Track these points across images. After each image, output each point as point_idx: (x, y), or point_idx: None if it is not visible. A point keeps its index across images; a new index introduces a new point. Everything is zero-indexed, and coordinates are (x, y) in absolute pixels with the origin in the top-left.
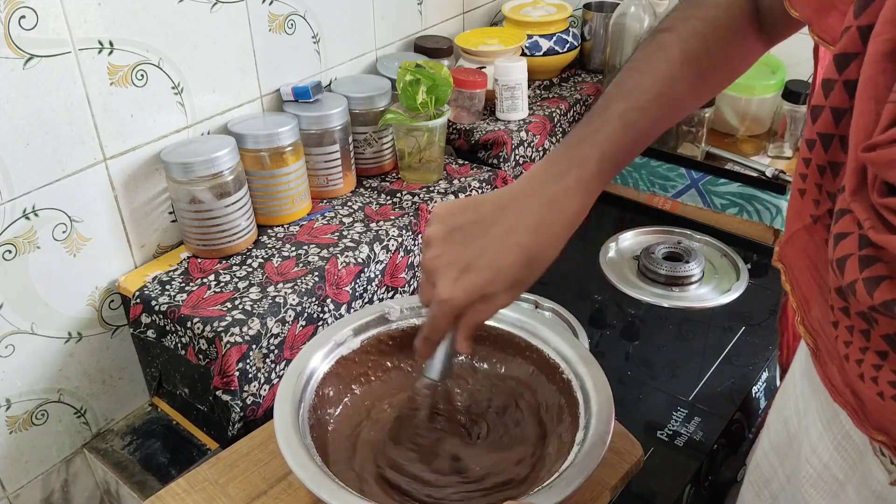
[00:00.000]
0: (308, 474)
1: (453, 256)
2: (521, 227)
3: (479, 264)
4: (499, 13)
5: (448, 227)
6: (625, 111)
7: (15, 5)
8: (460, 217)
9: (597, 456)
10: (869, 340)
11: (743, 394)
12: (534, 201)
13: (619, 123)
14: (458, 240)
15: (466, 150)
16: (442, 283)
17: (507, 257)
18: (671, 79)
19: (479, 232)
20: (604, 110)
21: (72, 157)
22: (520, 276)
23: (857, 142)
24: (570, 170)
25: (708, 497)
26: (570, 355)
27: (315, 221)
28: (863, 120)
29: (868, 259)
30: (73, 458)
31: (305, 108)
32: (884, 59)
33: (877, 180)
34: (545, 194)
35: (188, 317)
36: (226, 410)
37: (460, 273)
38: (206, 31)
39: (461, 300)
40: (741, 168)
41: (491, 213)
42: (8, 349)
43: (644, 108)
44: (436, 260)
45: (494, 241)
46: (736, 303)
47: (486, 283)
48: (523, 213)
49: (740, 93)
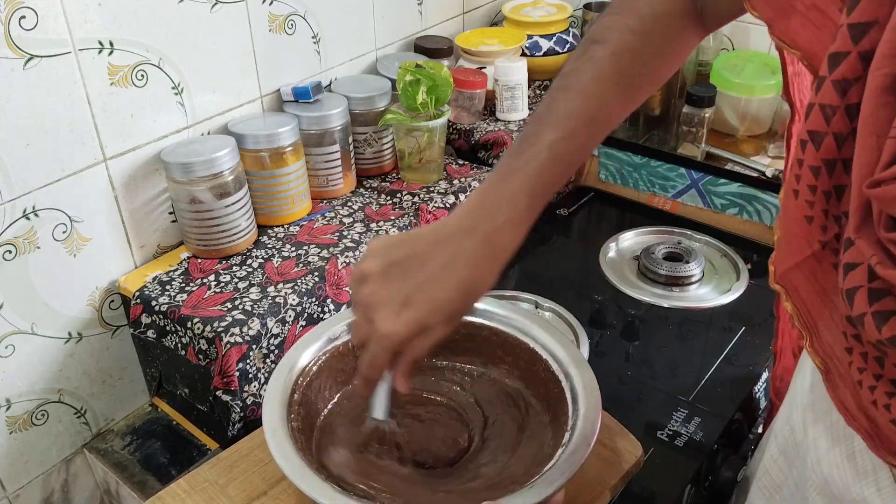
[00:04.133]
0: (291, 465)
1: (391, 291)
2: (457, 262)
3: (418, 298)
4: (499, 13)
5: (385, 261)
6: (553, 142)
7: (15, 5)
8: (396, 252)
9: (580, 458)
10: (883, 368)
11: (743, 394)
12: (468, 239)
13: (548, 156)
14: (396, 275)
15: (467, 151)
16: (382, 319)
17: (445, 291)
18: (603, 100)
19: (416, 266)
20: (534, 138)
21: (72, 158)
22: (457, 308)
23: (861, 177)
24: (500, 208)
25: (708, 497)
26: (562, 355)
27: (315, 222)
28: (865, 155)
29: (877, 292)
30: (73, 458)
31: (305, 108)
32: (883, 93)
33: (882, 215)
34: (479, 232)
35: (188, 317)
36: (226, 411)
37: (400, 307)
38: (206, 31)
39: (402, 335)
40: (741, 168)
41: (427, 248)
42: (8, 349)
43: (573, 137)
44: (374, 295)
45: (432, 276)
46: (736, 303)
47: (426, 316)
48: (459, 249)
49: (740, 93)
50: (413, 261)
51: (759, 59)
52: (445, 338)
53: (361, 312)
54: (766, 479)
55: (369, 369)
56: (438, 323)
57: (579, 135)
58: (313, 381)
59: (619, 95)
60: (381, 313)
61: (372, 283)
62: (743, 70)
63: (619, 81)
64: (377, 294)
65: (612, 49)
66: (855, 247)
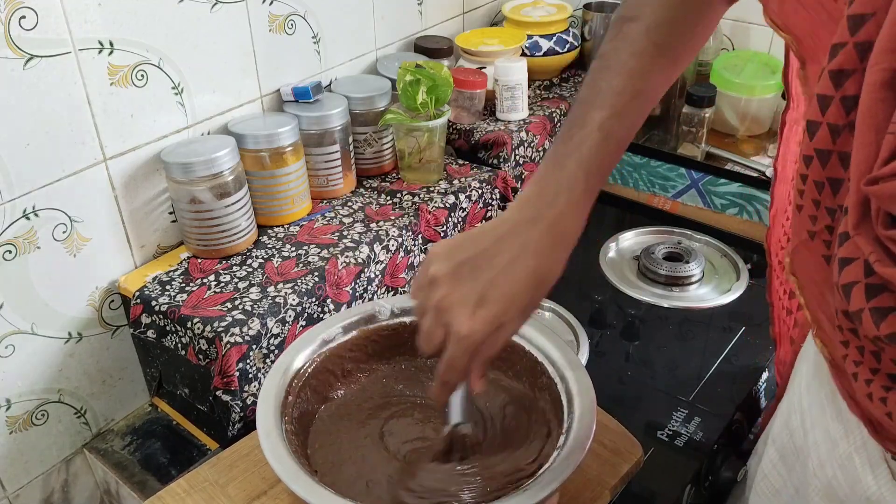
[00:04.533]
0: (285, 468)
1: (464, 292)
2: (525, 253)
3: (492, 296)
4: (499, 13)
5: (452, 263)
6: (603, 121)
7: (15, 5)
8: (462, 252)
9: (575, 461)
10: (879, 362)
11: (743, 394)
12: (532, 228)
13: (600, 136)
14: (466, 275)
15: (466, 151)
16: (459, 321)
17: (517, 284)
18: (645, 73)
19: (485, 264)
20: (582, 120)
21: (72, 158)
22: (531, 300)
23: (859, 173)
24: (560, 194)
25: (708, 497)
26: (557, 358)
27: (315, 222)
28: (864, 151)
29: (875, 288)
30: (73, 458)
31: (305, 108)
32: (882, 88)
33: (880, 212)
34: (542, 220)
35: (188, 317)
36: (226, 410)
37: (475, 307)
38: (206, 31)
39: (481, 334)
40: (741, 168)
41: (492, 244)
42: (8, 349)
43: (622, 114)
44: (446, 299)
45: (503, 271)
46: (736, 303)
47: (502, 312)
48: (525, 241)
49: (740, 93)
50: (481, 259)
51: (759, 59)
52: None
53: (434, 318)
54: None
55: (449, 373)
56: (513, 317)
57: (627, 111)
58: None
59: (659, 68)
60: (457, 315)
61: (443, 286)
62: (743, 70)
63: (658, 54)
64: (450, 297)
65: (646, 24)
66: (851, 242)
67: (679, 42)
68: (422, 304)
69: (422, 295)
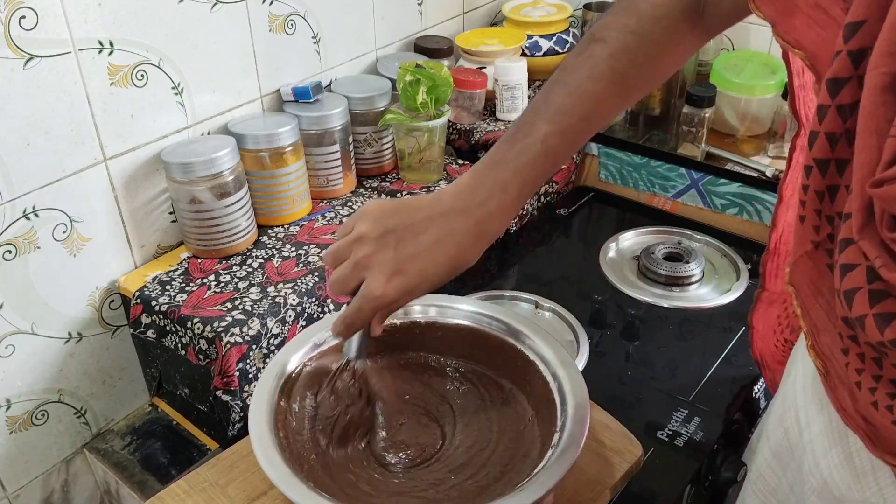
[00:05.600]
0: (278, 473)
1: (387, 257)
2: (448, 240)
3: (409, 269)
4: (499, 13)
5: (382, 227)
6: (547, 135)
7: (15, 5)
8: (393, 220)
9: (570, 460)
10: (881, 368)
11: (743, 394)
12: (461, 219)
13: (541, 149)
14: (391, 242)
15: (466, 151)
16: (374, 281)
17: (434, 266)
18: (597, 99)
19: (410, 238)
20: (528, 129)
21: (72, 158)
22: (441, 280)
23: (862, 177)
24: (493, 194)
25: (708, 497)
26: (549, 356)
27: (315, 222)
28: (866, 154)
29: (878, 294)
30: (73, 458)
31: (305, 108)
32: (882, 91)
33: (885, 215)
34: (471, 215)
35: (188, 317)
36: (226, 411)
37: (392, 274)
38: (206, 31)
39: (391, 298)
40: (741, 168)
41: (422, 221)
42: (8, 349)
43: (566, 132)
44: (370, 258)
45: (424, 249)
46: (736, 303)
47: (415, 286)
48: (452, 229)
49: (740, 93)
50: (408, 232)
51: (759, 59)
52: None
53: (351, 269)
54: (761, 482)
55: (355, 318)
56: (423, 290)
57: (572, 130)
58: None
59: (613, 95)
60: (375, 276)
61: (368, 245)
62: (743, 70)
63: (615, 81)
64: (373, 257)
65: (610, 49)
66: (853, 248)
67: (640, 72)
68: (341, 253)
69: (346, 244)
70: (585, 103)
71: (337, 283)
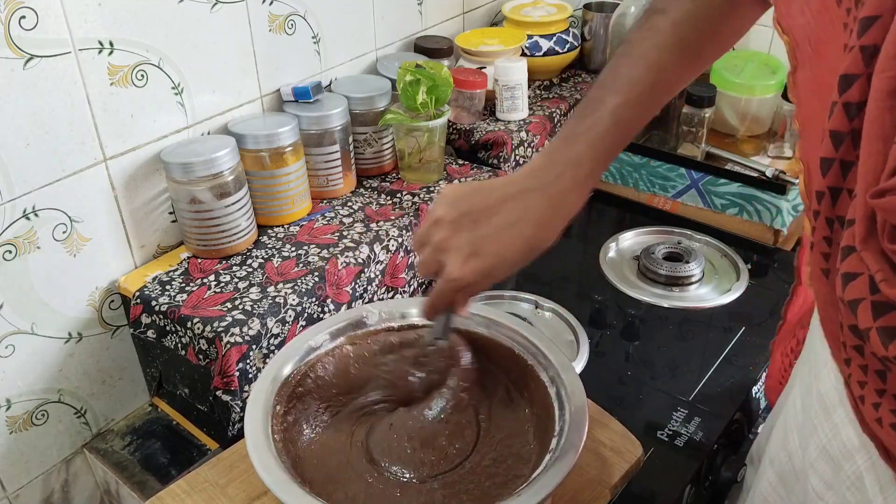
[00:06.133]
0: (273, 478)
1: (462, 240)
2: (524, 220)
3: (486, 250)
4: (499, 13)
5: (457, 211)
6: (616, 107)
7: (15, 5)
8: (468, 202)
9: (568, 464)
10: (885, 383)
11: (743, 394)
12: (535, 197)
13: (611, 121)
14: (467, 225)
15: (466, 151)
16: (452, 263)
17: (511, 246)
18: (663, 67)
19: (485, 219)
20: (597, 104)
21: (72, 157)
22: (519, 261)
23: (866, 185)
24: (566, 170)
25: (708, 497)
26: (548, 360)
27: (315, 222)
28: (871, 162)
29: (881, 306)
30: (73, 458)
31: (305, 108)
32: (889, 96)
33: (886, 226)
34: (546, 192)
35: (188, 317)
36: (226, 411)
37: (468, 256)
38: (206, 31)
39: (468, 280)
40: (741, 168)
41: (496, 202)
42: (8, 349)
43: (636, 103)
44: (446, 241)
45: (500, 231)
46: (736, 303)
47: (491, 267)
48: (527, 208)
49: (740, 93)
50: (483, 214)
51: (759, 59)
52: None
53: (431, 253)
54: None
55: (437, 301)
56: (501, 272)
57: (641, 101)
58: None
59: (679, 63)
60: (451, 258)
61: (444, 228)
62: (743, 70)
63: (680, 49)
64: (449, 240)
65: (673, 18)
66: (854, 256)
67: (703, 39)
68: (423, 238)
69: (427, 229)
70: (652, 72)
71: (421, 267)
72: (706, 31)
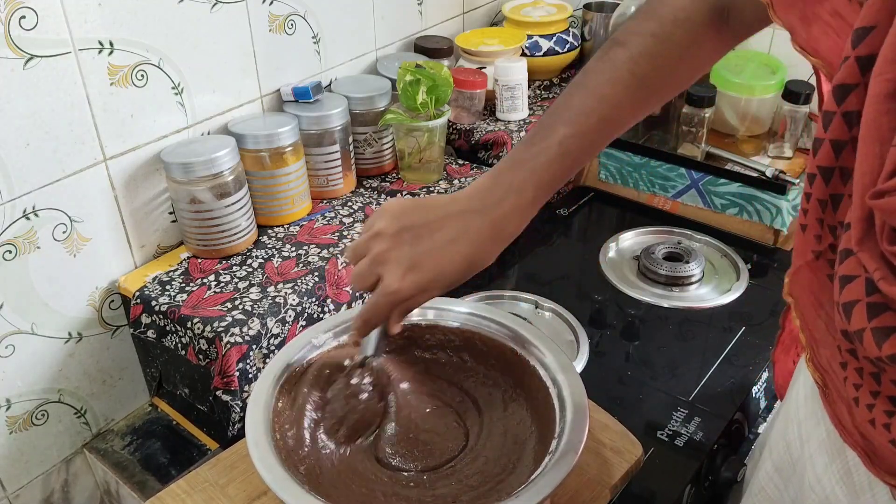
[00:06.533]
0: (274, 477)
1: (403, 253)
2: (464, 238)
3: (425, 265)
4: (499, 13)
5: (399, 224)
6: (564, 138)
7: (15, 5)
8: (410, 217)
9: (567, 465)
10: (880, 384)
11: (743, 394)
12: (477, 219)
13: (558, 151)
14: (408, 239)
15: (466, 151)
16: (390, 276)
17: (450, 263)
18: (616, 103)
19: (426, 235)
20: (548, 131)
21: (72, 157)
22: (457, 279)
23: (863, 187)
24: (509, 195)
25: (708, 497)
26: (549, 361)
27: (315, 221)
28: (867, 163)
29: (876, 307)
30: (73, 458)
31: (305, 108)
32: (886, 99)
33: (885, 227)
34: (487, 216)
35: (188, 317)
36: (226, 411)
37: (407, 270)
38: (206, 31)
39: (405, 293)
40: (741, 168)
41: (438, 219)
42: (8, 349)
43: (584, 135)
44: (386, 254)
45: (441, 247)
46: (736, 303)
47: (428, 282)
48: (467, 227)
49: (740, 93)
50: (424, 229)
51: (759, 59)
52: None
53: (369, 265)
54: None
55: (371, 315)
56: (438, 287)
57: (590, 133)
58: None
59: (633, 99)
60: (389, 271)
61: (385, 241)
62: (743, 70)
63: (635, 85)
64: (389, 253)
65: (631, 53)
66: (852, 259)
67: (660, 76)
68: (361, 249)
69: (365, 241)
70: (604, 106)
71: (356, 279)
72: (664, 68)
